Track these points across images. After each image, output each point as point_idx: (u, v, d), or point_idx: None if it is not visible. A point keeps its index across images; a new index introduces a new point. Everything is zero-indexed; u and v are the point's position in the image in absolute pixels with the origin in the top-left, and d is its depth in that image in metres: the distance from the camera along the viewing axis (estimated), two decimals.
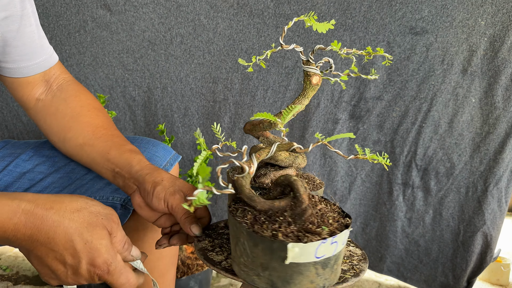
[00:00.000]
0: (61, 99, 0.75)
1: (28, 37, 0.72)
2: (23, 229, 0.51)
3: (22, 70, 0.73)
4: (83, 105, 0.75)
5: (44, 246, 0.52)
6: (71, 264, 0.52)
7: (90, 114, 0.75)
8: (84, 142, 0.71)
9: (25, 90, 0.75)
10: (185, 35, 1.34)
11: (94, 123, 0.73)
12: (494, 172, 1.31)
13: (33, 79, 0.75)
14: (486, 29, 1.23)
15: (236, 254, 0.50)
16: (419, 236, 1.41)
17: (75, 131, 0.72)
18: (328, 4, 1.27)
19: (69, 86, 0.77)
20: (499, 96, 1.26)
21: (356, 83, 1.33)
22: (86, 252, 0.52)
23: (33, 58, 0.73)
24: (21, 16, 0.70)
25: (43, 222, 0.51)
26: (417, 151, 1.34)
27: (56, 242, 0.51)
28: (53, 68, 0.77)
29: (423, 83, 1.30)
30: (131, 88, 1.41)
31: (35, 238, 0.51)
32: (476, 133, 1.30)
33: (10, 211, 0.51)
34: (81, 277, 0.53)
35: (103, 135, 0.72)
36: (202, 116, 1.42)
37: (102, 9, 1.32)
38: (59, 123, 0.74)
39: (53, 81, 0.77)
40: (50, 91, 0.76)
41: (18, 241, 0.52)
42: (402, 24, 1.26)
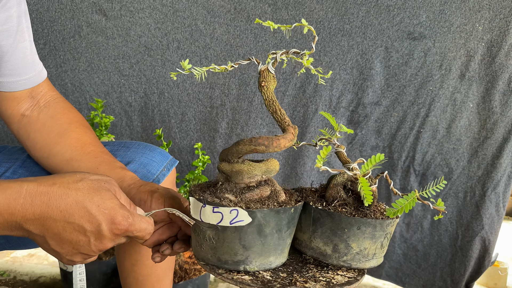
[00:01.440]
0: (48, 116, 0.74)
1: (21, 52, 0.71)
2: (31, 208, 0.49)
3: (10, 85, 0.71)
4: (71, 122, 0.74)
5: (59, 221, 0.49)
6: (91, 230, 0.50)
7: (78, 131, 0.73)
8: (72, 157, 0.70)
9: (9, 104, 0.73)
10: (182, 40, 1.31)
11: (83, 139, 0.72)
12: (492, 177, 1.30)
13: (19, 94, 0.73)
14: (483, 34, 1.22)
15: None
16: (417, 241, 1.39)
17: (62, 146, 0.71)
18: (325, 10, 1.25)
19: (57, 104, 0.76)
20: (497, 101, 1.25)
21: (354, 88, 1.31)
22: (102, 213, 0.50)
23: (22, 73, 0.72)
24: (16, 31, 0.69)
25: (50, 197, 0.49)
26: (415, 156, 1.33)
27: (70, 213, 0.49)
28: (41, 85, 0.76)
29: (421, 88, 1.28)
30: (127, 93, 1.38)
31: (47, 215, 0.49)
32: (474, 138, 1.29)
33: (14, 192, 0.48)
34: (105, 239, 0.51)
35: (92, 151, 0.71)
36: (199, 122, 1.39)
37: (97, 14, 1.29)
38: (45, 139, 0.72)
39: (40, 97, 0.75)
40: (36, 107, 0.75)
41: (28, 224, 0.49)
42: (400, 29, 1.24)
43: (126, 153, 0.81)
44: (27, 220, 0.49)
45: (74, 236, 0.50)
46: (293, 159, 1.39)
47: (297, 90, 1.34)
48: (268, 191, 0.56)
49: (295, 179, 1.39)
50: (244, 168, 0.55)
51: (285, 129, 0.56)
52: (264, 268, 0.55)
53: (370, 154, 1.30)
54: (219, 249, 0.54)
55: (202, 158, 1.27)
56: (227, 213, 0.52)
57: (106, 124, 1.23)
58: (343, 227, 0.55)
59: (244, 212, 0.51)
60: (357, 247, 0.56)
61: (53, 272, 1.58)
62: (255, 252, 0.53)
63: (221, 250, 0.54)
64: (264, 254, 0.54)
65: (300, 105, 1.35)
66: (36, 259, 1.69)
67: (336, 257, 0.56)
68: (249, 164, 0.55)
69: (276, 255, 0.55)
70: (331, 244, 0.56)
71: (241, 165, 0.55)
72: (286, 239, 0.56)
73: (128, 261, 0.86)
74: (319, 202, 0.59)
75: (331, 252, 0.57)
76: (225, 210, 0.52)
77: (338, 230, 0.55)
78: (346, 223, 0.55)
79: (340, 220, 0.55)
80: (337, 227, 0.55)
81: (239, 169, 0.55)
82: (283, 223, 0.54)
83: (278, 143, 0.54)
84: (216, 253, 0.54)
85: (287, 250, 0.58)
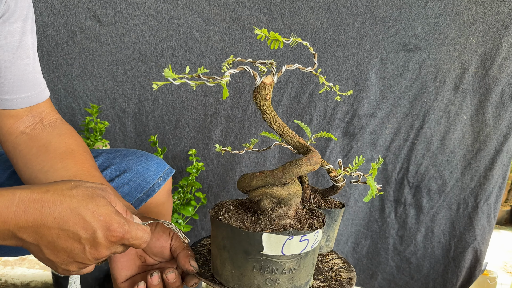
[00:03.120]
0: (55, 134, 0.71)
1: (21, 69, 0.68)
2: (24, 216, 0.46)
3: (5, 102, 0.68)
4: (79, 145, 0.72)
5: (53, 229, 0.47)
6: (86, 237, 0.48)
7: (85, 155, 0.71)
8: (76, 175, 0.66)
9: (6, 122, 0.70)
10: (177, 47, 1.28)
11: (89, 163, 0.70)
12: (485, 188, 1.29)
13: (17, 112, 0.70)
14: (477, 47, 1.20)
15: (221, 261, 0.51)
16: (410, 253, 1.37)
17: (67, 163, 0.68)
18: (321, 20, 1.23)
19: (63, 125, 0.74)
20: (490, 114, 1.24)
21: (349, 99, 1.29)
22: (97, 220, 0.48)
23: (20, 91, 0.68)
24: (18, 48, 0.66)
25: (43, 204, 0.47)
26: (409, 168, 1.31)
27: (65, 220, 0.47)
28: (42, 105, 0.73)
29: (415, 100, 1.26)
30: (120, 99, 1.34)
31: (41, 222, 0.47)
32: (467, 150, 1.28)
33: (6, 200, 0.46)
34: (100, 247, 0.49)
35: (98, 176, 0.68)
36: (193, 129, 1.37)
37: (91, 20, 1.25)
38: (49, 154, 0.69)
39: (43, 117, 0.73)
40: (39, 125, 0.72)
41: (22, 232, 0.47)
42: (396, 41, 1.22)
43: (123, 161, 0.79)
44: (21, 228, 0.47)
45: (69, 243, 0.48)
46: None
47: (291, 100, 1.31)
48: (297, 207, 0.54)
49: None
50: (298, 188, 0.52)
51: (308, 152, 0.52)
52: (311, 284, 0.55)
53: (365, 167, 1.27)
54: (297, 276, 0.51)
55: (196, 165, 1.25)
56: (311, 238, 0.50)
57: (101, 129, 1.21)
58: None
59: (321, 231, 0.52)
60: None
61: (45, 276, 1.55)
62: (314, 268, 0.54)
63: (299, 276, 0.51)
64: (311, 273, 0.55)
65: (294, 115, 1.32)
66: (27, 263, 1.65)
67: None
68: (297, 183, 0.53)
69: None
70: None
71: (296, 185, 0.52)
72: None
73: None
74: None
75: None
76: (310, 235, 0.50)
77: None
78: None
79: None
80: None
81: (295, 191, 0.52)
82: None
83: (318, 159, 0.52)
84: (292, 282, 0.51)
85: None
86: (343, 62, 1.25)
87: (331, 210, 0.62)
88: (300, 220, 0.52)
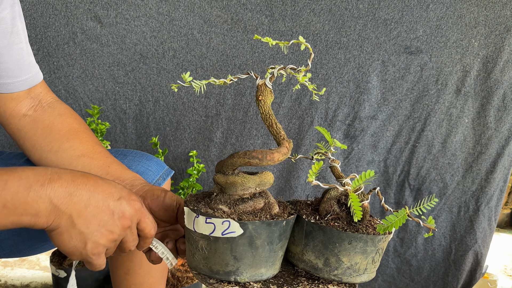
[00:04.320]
0: (55, 115, 0.74)
1: (17, 53, 0.70)
2: (59, 181, 0.48)
3: (6, 86, 0.71)
4: (80, 123, 0.75)
5: (84, 195, 0.49)
6: (114, 203, 0.52)
7: (87, 132, 0.74)
8: (83, 154, 0.70)
9: (8, 105, 0.72)
10: (178, 49, 1.27)
11: (93, 140, 0.73)
12: (486, 191, 1.27)
13: (18, 95, 0.72)
14: (479, 50, 1.19)
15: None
16: (411, 256, 1.35)
17: (73, 142, 0.71)
18: (323, 22, 1.21)
19: (61, 105, 0.76)
20: (491, 117, 1.23)
21: (350, 102, 1.28)
22: (122, 190, 0.53)
23: (19, 75, 0.71)
24: (11, 33, 0.68)
25: (75, 175, 0.50)
26: (410, 171, 1.29)
27: (95, 187, 0.50)
28: (39, 86, 0.75)
29: (417, 103, 1.25)
30: (121, 101, 1.33)
31: (74, 189, 0.49)
32: (468, 153, 1.26)
33: (41, 169, 0.49)
34: (125, 213, 0.52)
35: (103, 151, 0.72)
36: (194, 131, 1.35)
37: (92, 21, 1.24)
38: (55, 135, 0.72)
39: (41, 98, 0.75)
40: (39, 107, 0.74)
41: (56, 198, 0.48)
42: (397, 43, 1.21)
43: (123, 161, 0.79)
44: (56, 193, 0.47)
45: (99, 209, 0.50)
46: (288, 172, 1.35)
47: (292, 102, 1.30)
48: (261, 203, 0.55)
49: (289, 192, 1.35)
50: (238, 180, 0.55)
51: (280, 143, 0.56)
52: (255, 280, 0.55)
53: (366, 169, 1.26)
54: (211, 259, 0.54)
55: (197, 166, 1.24)
56: (219, 224, 0.52)
57: (102, 130, 1.20)
58: (335, 241, 0.54)
59: (235, 224, 0.51)
60: (348, 261, 0.54)
61: (45, 277, 1.54)
62: (246, 264, 0.53)
63: (213, 260, 0.54)
64: (255, 265, 0.54)
65: (295, 117, 1.31)
66: (27, 264, 1.64)
67: (327, 270, 0.55)
68: (243, 176, 0.55)
69: (267, 267, 0.55)
70: (323, 257, 0.55)
71: (236, 177, 0.55)
72: (277, 251, 0.55)
73: (120, 269, 0.85)
74: (312, 215, 0.57)
75: (322, 266, 0.55)
76: (217, 221, 0.52)
77: (330, 244, 0.54)
78: (338, 238, 0.54)
79: (332, 234, 0.54)
80: (329, 241, 0.54)
81: (233, 181, 0.55)
82: (275, 236, 0.53)
83: (272, 156, 0.54)
84: (208, 263, 0.54)
85: (278, 262, 0.57)
86: (345, 65, 1.24)
87: (327, 228, 0.54)
88: (253, 212, 0.54)
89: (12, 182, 0.45)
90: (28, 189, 0.46)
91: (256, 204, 0.54)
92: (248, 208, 0.54)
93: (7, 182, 0.45)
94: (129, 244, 0.54)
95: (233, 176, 0.55)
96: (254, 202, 0.55)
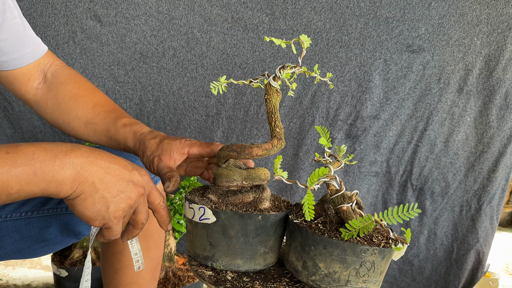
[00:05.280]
0: (58, 83, 0.75)
1: (14, 28, 0.71)
2: (78, 150, 0.51)
3: (15, 62, 0.72)
4: (79, 87, 0.76)
5: (103, 163, 0.52)
6: (131, 166, 0.55)
7: (87, 94, 0.75)
8: (87, 121, 0.73)
9: (21, 82, 0.75)
10: (178, 48, 1.25)
11: (92, 101, 0.74)
12: (488, 190, 1.26)
13: (27, 70, 0.74)
14: (481, 48, 1.17)
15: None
16: (413, 256, 1.34)
17: (76, 111, 0.74)
18: (324, 20, 1.19)
19: (63, 71, 0.77)
20: (494, 116, 1.21)
21: (352, 101, 1.26)
22: (132, 164, 0.56)
23: (22, 48, 0.72)
24: (3, 10, 0.69)
25: (90, 148, 0.53)
26: (412, 171, 1.27)
27: (111, 156, 0.54)
28: (45, 57, 0.77)
29: (419, 102, 1.23)
30: (122, 100, 1.32)
31: (93, 158, 0.51)
32: (470, 152, 1.25)
33: (60, 143, 0.52)
34: (138, 182, 0.54)
35: (101, 112, 0.73)
36: (195, 130, 1.34)
37: (92, 20, 1.22)
38: (61, 105, 0.75)
39: (47, 69, 0.77)
40: (46, 79, 0.76)
41: (79, 165, 0.50)
42: (399, 42, 1.19)
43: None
44: (78, 159, 0.50)
45: (118, 172, 0.53)
46: (288, 172, 1.33)
47: (294, 101, 1.28)
48: (251, 197, 0.56)
49: (290, 193, 1.33)
50: (224, 172, 0.57)
51: (270, 139, 0.57)
52: (231, 269, 0.56)
53: (368, 170, 1.24)
54: (194, 242, 0.57)
55: None
56: (196, 210, 0.55)
57: None
58: (310, 243, 0.52)
59: (209, 211, 0.54)
60: (325, 268, 0.51)
61: (46, 276, 1.53)
62: (221, 251, 0.55)
63: (195, 243, 0.57)
64: (230, 255, 0.55)
65: (296, 116, 1.29)
66: (29, 263, 1.63)
67: (306, 274, 0.53)
68: (230, 168, 0.57)
69: (244, 259, 0.55)
70: (301, 260, 0.53)
71: (224, 169, 0.57)
72: (256, 245, 0.55)
73: (110, 268, 0.86)
74: (301, 216, 0.56)
75: (301, 269, 0.54)
76: (195, 206, 0.55)
77: (306, 246, 0.52)
78: (312, 240, 0.51)
79: (307, 236, 0.52)
80: (305, 243, 0.52)
81: (220, 173, 0.57)
82: (250, 229, 0.53)
83: (250, 151, 0.55)
84: (192, 246, 0.58)
85: (261, 258, 0.56)
86: (346, 63, 1.22)
87: (303, 229, 0.52)
88: (242, 204, 0.55)
89: (39, 152, 0.49)
90: (54, 158, 0.49)
91: (244, 197, 0.56)
92: (236, 200, 0.55)
93: (34, 153, 0.48)
94: (142, 216, 0.56)
95: (222, 169, 0.57)
96: (244, 195, 0.56)
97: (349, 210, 0.53)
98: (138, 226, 0.57)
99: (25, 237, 0.72)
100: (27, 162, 0.48)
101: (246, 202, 0.55)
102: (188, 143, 0.66)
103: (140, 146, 0.67)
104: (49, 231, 0.71)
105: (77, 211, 0.52)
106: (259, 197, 0.56)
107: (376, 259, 0.50)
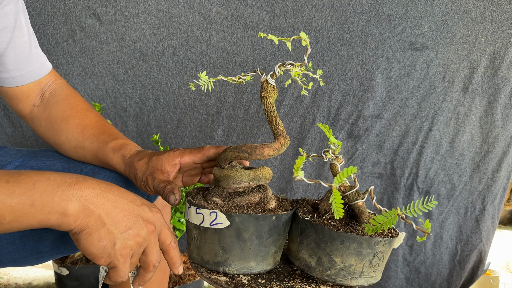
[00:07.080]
0: (53, 103, 0.73)
1: (21, 46, 0.70)
2: (90, 180, 0.49)
3: (15, 80, 0.71)
4: (72, 107, 0.73)
5: (112, 195, 0.50)
6: (140, 202, 0.52)
7: (79, 116, 0.72)
8: (76, 145, 0.70)
9: (20, 99, 0.73)
10: (178, 46, 1.22)
11: (83, 123, 0.71)
12: (492, 190, 1.22)
13: (27, 88, 0.72)
14: (486, 46, 1.13)
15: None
16: (420, 263, 1.29)
17: (66, 133, 0.71)
18: (325, 18, 1.15)
19: (61, 91, 0.75)
20: (499, 115, 1.17)
21: (354, 100, 1.21)
22: (143, 199, 0.54)
23: (25, 67, 0.71)
24: (14, 28, 0.68)
25: (99, 181, 0.51)
26: (418, 173, 1.23)
27: (121, 191, 0.51)
28: (48, 76, 0.75)
29: (423, 101, 1.18)
30: (122, 98, 1.28)
31: (104, 189, 0.49)
32: (476, 152, 1.20)
33: (71, 174, 0.50)
34: (149, 219, 0.51)
35: (90, 135, 0.70)
36: (195, 129, 1.30)
37: (91, 18, 1.19)
38: (53, 126, 0.72)
39: (47, 88, 0.75)
40: (43, 98, 0.75)
41: (88, 196, 0.48)
42: (402, 40, 1.14)
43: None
44: (88, 191, 0.48)
45: (126, 207, 0.50)
46: (289, 172, 1.29)
47: (294, 100, 1.24)
48: (257, 198, 0.54)
49: (291, 192, 1.30)
50: (230, 173, 0.55)
51: (276, 138, 0.55)
52: (244, 272, 0.54)
53: (371, 171, 1.20)
54: (202, 249, 0.54)
55: None
56: (207, 215, 0.52)
57: None
58: (326, 240, 0.52)
59: (222, 215, 0.51)
60: (341, 262, 0.51)
61: (47, 275, 1.51)
62: (234, 256, 0.53)
63: (204, 250, 0.54)
64: (244, 258, 0.53)
65: (297, 115, 1.25)
66: None
67: (320, 270, 0.53)
68: (236, 170, 0.55)
69: (257, 261, 0.54)
70: (315, 256, 0.53)
71: (229, 170, 0.55)
72: (268, 246, 0.54)
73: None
74: (310, 213, 0.55)
75: (315, 265, 0.53)
76: (205, 212, 0.52)
77: (322, 243, 0.52)
78: (329, 236, 0.51)
79: (323, 233, 0.52)
80: (321, 240, 0.52)
81: (226, 174, 0.55)
82: (264, 230, 0.52)
83: (261, 151, 0.53)
84: (199, 252, 0.55)
85: (272, 258, 0.55)
86: (348, 61, 1.18)
87: (319, 227, 0.51)
88: (246, 205, 0.54)
89: (41, 182, 0.46)
90: (56, 189, 0.46)
91: (251, 198, 0.54)
92: (243, 201, 0.54)
93: (36, 183, 0.46)
94: (153, 257, 0.51)
95: (227, 170, 0.55)
96: (249, 196, 0.54)
97: (364, 206, 0.53)
98: (149, 269, 0.52)
99: (20, 249, 0.69)
100: (26, 192, 0.45)
101: (253, 203, 0.54)
102: (177, 153, 0.62)
103: (130, 170, 0.63)
104: (44, 244, 0.68)
105: (82, 246, 0.48)
106: (265, 197, 0.55)
107: (386, 249, 0.52)
